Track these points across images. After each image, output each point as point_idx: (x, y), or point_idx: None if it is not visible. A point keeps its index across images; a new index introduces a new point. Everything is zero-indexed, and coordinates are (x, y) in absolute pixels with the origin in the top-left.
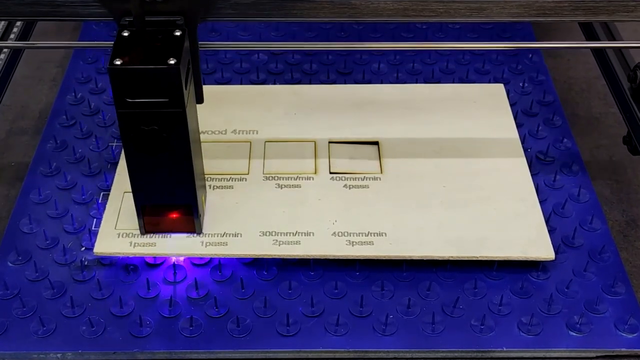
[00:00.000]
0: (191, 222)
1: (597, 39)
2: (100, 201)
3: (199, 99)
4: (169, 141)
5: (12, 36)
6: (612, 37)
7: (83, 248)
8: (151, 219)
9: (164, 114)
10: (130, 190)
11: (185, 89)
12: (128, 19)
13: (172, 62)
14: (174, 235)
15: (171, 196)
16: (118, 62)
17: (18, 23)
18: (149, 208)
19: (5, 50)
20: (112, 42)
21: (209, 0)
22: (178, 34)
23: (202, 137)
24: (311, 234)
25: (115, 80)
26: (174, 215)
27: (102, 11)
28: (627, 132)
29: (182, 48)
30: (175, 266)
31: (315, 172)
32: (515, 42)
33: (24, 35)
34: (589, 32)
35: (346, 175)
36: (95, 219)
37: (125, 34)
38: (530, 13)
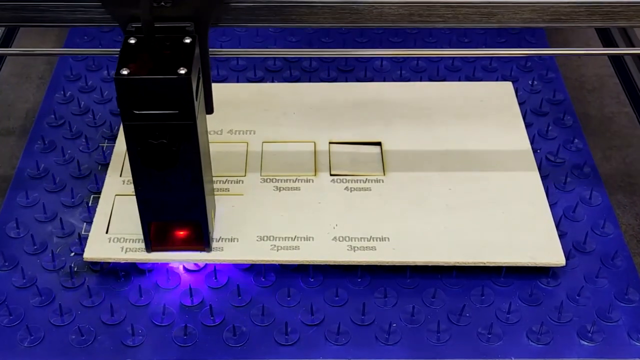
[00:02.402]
0: (200, 240)
1: (614, 43)
2: (90, 204)
3: (209, 110)
4: (179, 155)
5: None
6: (629, 42)
7: (72, 253)
8: (158, 236)
9: (173, 126)
10: (121, 193)
11: (196, 100)
12: (135, 25)
13: (182, 71)
14: None
15: (180, 213)
16: (125, 72)
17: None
18: (155, 225)
19: None
20: (98, 49)
21: (221, 5)
22: (188, 41)
23: None
24: (311, 239)
25: (122, 91)
26: (183, 233)
27: (103, 17)
28: None
29: (193, 56)
30: (168, 272)
31: (315, 174)
32: (526, 48)
33: (6, 39)
34: (605, 36)
35: (347, 178)
36: (85, 223)
37: (132, 41)
38: (544, 18)
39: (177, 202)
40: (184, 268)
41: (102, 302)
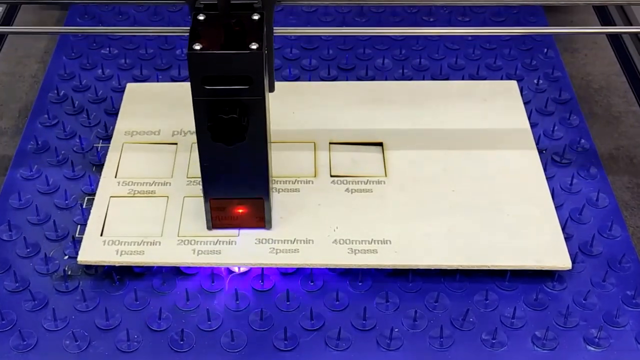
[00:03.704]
0: (261, 218)
1: (614, 24)
2: (84, 206)
3: (272, 88)
4: (247, 130)
5: None
6: (628, 23)
7: (66, 256)
8: (219, 213)
9: (243, 101)
10: (116, 194)
11: (265, 76)
12: (203, 1)
13: (254, 46)
14: (164, 243)
15: (243, 189)
16: (197, 47)
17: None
18: (217, 202)
19: None
20: (100, 27)
21: None
22: (256, 17)
23: (191, 138)
24: (310, 242)
25: (194, 66)
26: (244, 210)
27: None
28: None
29: (263, 32)
30: (164, 276)
31: (315, 176)
32: (524, 27)
33: (6, 20)
34: (604, 18)
35: (348, 179)
36: (79, 226)
37: (201, 17)
38: None
39: (241, 178)
40: (180, 271)
41: (96, 306)
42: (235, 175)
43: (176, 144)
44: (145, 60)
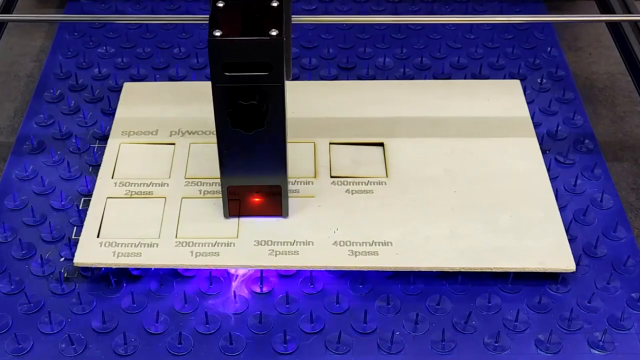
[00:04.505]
0: (278, 205)
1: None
2: (80, 207)
3: (289, 75)
4: (267, 117)
5: None
6: (627, 11)
7: (62, 259)
8: (236, 201)
9: (263, 88)
10: (113, 195)
11: (284, 63)
12: None
13: (274, 33)
14: (161, 245)
15: (260, 177)
16: (218, 34)
17: None
18: (233, 190)
19: None
20: (103, 16)
21: None
22: (275, 4)
23: (189, 138)
24: (310, 244)
25: (214, 52)
26: (261, 198)
27: None
28: None
29: (282, 19)
30: (161, 278)
31: (315, 176)
32: (524, 15)
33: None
34: (604, 6)
35: (348, 180)
36: (75, 227)
37: (220, 4)
38: None
39: (259, 166)
40: (177, 273)
41: (93, 309)
42: (253, 163)
43: (174, 144)
44: (142, 59)
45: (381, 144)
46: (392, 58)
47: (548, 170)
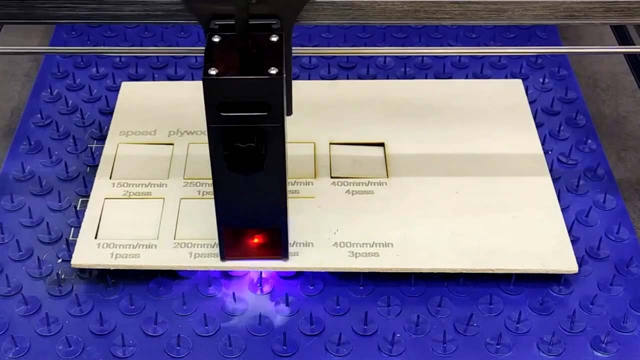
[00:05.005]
0: (278, 247)
1: (630, 39)
2: (78, 208)
3: (289, 111)
4: (265, 159)
5: None
6: None
7: (60, 260)
8: (233, 244)
9: (261, 129)
10: (111, 196)
11: (284, 101)
12: (218, 22)
13: (273, 71)
14: (160, 246)
15: (259, 219)
16: (213, 72)
17: None
18: (230, 232)
19: None
20: (85, 48)
21: (307, 1)
22: (275, 39)
23: (190, 137)
24: (310, 245)
25: (210, 92)
26: (260, 240)
27: (183, 14)
28: None
29: (282, 55)
30: (160, 280)
31: (315, 177)
32: (537, 47)
33: None
34: (620, 32)
35: (349, 180)
36: (73, 228)
37: (216, 39)
38: (557, 15)
39: (257, 208)
40: (176, 274)
41: (90, 311)
42: (250, 205)
43: (172, 144)
44: (140, 58)
45: (382, 144)
46: (393, 57)
47: (550, 170)
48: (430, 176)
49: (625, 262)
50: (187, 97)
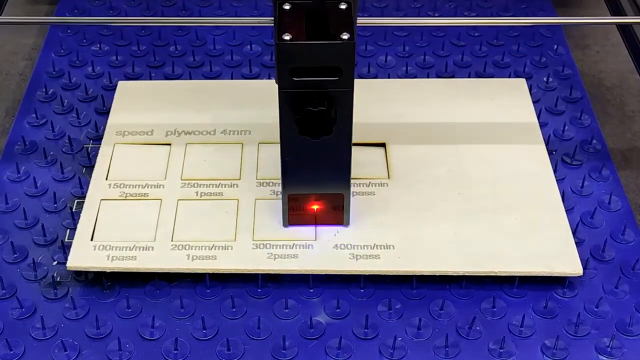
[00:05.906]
0: (340, 214)
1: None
2: (74, 210)
3: None
4: (335, 123)
5: None
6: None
7: (55, 262)
8: (297, 209)
9: (331, 93)
10: (107, 197)
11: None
12: None
13: (345, 36)
14: (157, 248)
15: (323, 185)
16: (287, 37)
17: None
18: (294, 198)
19: None
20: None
21: None
22: (344, 7)
23: (188, 138)
24: (310, 247)
25: (283, 57)
26: (323, 206)
27: None
28: None
29: (352, 22)
30: (157, 283)
31: None
32: (530, 17)
33: None
34: (616, 11)
35: None
36: (68, 230)
37: (287, 7)
38: None
39: (322, 173)
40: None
41: (86, 314)
42: (317, 170)
43: (170, 144)
44: (137, 57)
45: (383, 145)
46: (394, 56)
47: (554, 171)
48: (432, 177)
49: (630, 265)
50: (185, 96)
